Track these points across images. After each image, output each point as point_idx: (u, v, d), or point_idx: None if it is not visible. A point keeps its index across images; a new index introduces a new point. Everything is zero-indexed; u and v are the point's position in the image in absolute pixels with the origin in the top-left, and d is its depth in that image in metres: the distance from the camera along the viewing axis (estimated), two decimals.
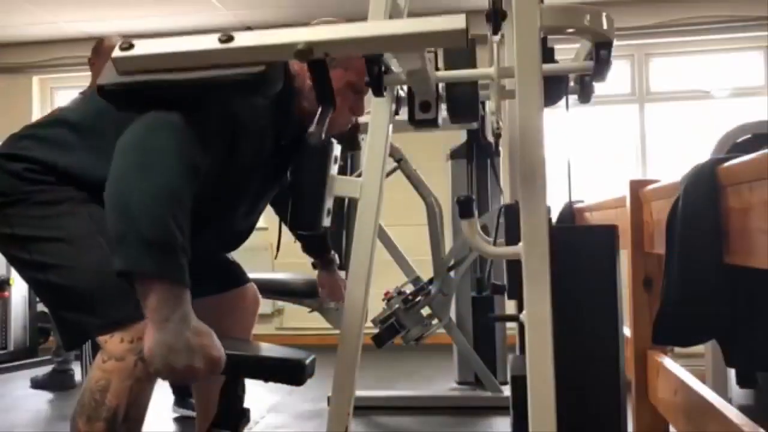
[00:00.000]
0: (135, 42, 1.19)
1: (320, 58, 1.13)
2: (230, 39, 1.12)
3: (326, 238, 2.27)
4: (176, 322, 1.21)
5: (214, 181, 1.43)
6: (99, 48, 3.07)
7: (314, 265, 2.37)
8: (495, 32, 1.33)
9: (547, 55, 1.39)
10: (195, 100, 1.31)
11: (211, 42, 1.14)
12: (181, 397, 3.14)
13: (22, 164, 1.44)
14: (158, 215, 1.20)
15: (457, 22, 1.09)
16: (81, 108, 1.55)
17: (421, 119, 1.45)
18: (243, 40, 1.14)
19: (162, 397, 3.15)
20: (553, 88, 1.47)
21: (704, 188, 1.27)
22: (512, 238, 1.35)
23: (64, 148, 1.47)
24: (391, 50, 1.29)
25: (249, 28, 1.65)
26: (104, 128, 1.44)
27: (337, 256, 2.35)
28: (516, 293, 1.25)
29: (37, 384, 3.85)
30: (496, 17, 1.25)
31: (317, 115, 1.31)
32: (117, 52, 1.19)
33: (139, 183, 1.22)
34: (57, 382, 3.84)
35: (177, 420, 3.16)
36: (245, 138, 1.51)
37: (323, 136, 1.32)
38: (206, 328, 1.26)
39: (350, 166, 3.11)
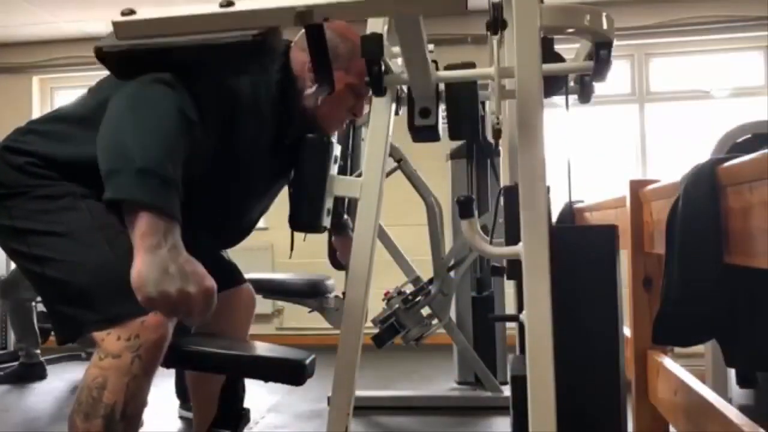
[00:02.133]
0: (137, 9, 1.18)
1: (319, 23, 1.12)
2: (230, 4, 1.12)
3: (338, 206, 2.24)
4: (168, 248, 1.19)
5: (213, 160, 1.46)
6: None
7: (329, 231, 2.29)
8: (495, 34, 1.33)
9: (553, 56, 1.38)
10: (194, 68, 1.34)
11: (211, 7, 1.14)
12: (185, 400, 3.13)
13: (25, 158, 1.45)
14: (151, 148, 1.23)
15: None
16: (85, 102, 1.55)
17: (420, 125, 1.45)
18: (243, 4, 1.14)
19: (166, 396, 3.15)
20: (553, 82, 1.46)
21: (704, 188, 1.27)
22: (512, 222, 1.35)
23: (65, 140, 1.47)
24: (390, 14, 1.29)
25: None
26: None
27: (350, 221, 2.30)
28: (516, 273, 1.24)
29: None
30: (496, 26, 1.25)
31: (314, 89, 1.31)
32: (117, 17, 1.18)
33: (134, 123, 1.26)
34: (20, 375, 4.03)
35: (182, 419, 3.16)
36: (244, 118, 1.53)
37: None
38: (197, 261, 1.23)
39: (350, 166, 3.10)
